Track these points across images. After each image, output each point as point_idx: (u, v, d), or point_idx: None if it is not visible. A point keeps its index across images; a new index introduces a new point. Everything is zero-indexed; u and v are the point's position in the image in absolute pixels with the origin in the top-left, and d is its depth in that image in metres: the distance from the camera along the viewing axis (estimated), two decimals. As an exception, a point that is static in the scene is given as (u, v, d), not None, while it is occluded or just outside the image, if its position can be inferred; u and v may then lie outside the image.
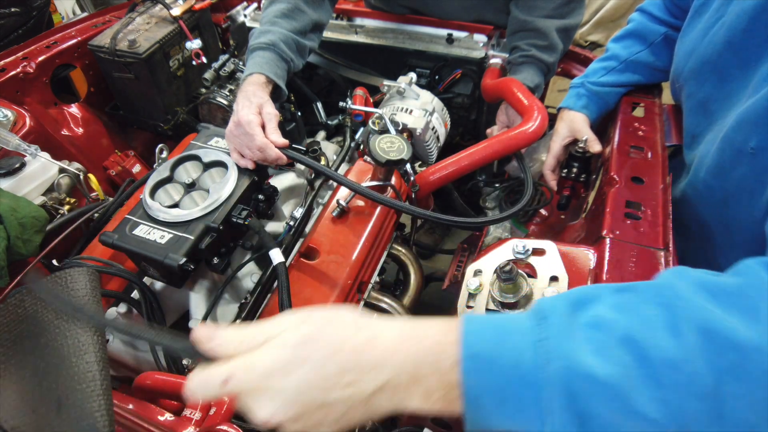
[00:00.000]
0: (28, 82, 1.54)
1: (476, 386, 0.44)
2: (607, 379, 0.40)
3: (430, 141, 1.43)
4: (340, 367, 0.45)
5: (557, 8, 1.47)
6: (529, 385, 0.42)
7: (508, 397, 0.43)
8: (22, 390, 0.66)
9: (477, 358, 0.44)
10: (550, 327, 0.44)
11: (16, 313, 0.72)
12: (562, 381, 0.41)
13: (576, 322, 0.44)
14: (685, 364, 0.40)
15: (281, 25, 1.31)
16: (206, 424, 0.77)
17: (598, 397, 0.41)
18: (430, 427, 1.00)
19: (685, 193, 1.05)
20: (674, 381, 0.40)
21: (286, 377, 0.44)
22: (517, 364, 0.43)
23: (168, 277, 1.01)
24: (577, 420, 0.41)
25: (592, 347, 0.42)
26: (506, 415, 0.43)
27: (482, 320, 0.47)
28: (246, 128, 1.08)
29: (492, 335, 0.45)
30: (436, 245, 2.48)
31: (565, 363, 0.41)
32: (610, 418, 0.40)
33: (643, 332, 0.42)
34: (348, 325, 0.48)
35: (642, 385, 0.40)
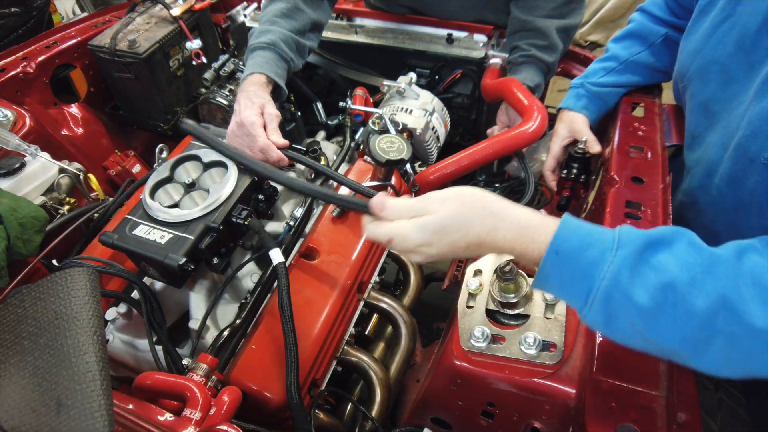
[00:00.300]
0: (28, 82, 1.54)
1: (549, 271, 0.63)
2: (639, 305, 0.58)
3: (430, 141, 1.43)
4: (465, 243, 0.67)
5: (557, 8, 1.47)
6: (587, 285, 0.61)
7: (567, 285, 0.63)
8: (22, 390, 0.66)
9: (557, 255, 0.62)
10: (618, 256, 0.59)
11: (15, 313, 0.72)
12: (608, 292, 0.59)
13: (641, 259, 0.59)
14: (699, 317, 0.55)
15: (281, 24, 1.31)
16: (206, 424, 0.77)
17: (626, 312, 0.59)
18: (430, 427, 1.00)
19: (694, 198, 1.05)
20: (681, 322, 0.56)
21: (428, 248, 0.68)
22: (585, 272, 0.61)
23: (168, 277, 1.01)
24: (606, 317, 0.61)
25: (641, 281, 0.58)
26: (560, 293, 0.66)
27: (575, 227, 0.64)
28: (249, 129, 1.08)
29: (579, 240, 0.62)
30: (436, 245, 2.47)
31: (614, 285, 0.59)
32: (625, 326, 0.61)
33: (683, 286, 0.56)
34: (477, 213, 0.66)
35: (658, 322, 0.57)
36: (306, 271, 1.09)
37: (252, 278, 1.13)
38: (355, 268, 1.09)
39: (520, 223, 0.66)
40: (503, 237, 0.65)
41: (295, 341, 0.88)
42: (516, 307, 0.89)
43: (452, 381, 0.89)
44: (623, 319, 0.60)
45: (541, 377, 0.81)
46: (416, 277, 1.28)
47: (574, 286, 0.62)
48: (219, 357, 0.94)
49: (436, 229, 0.67)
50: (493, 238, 0.66)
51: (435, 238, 0.67)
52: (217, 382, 0.90)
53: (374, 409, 1.05)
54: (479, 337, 0.85)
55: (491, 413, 0.90)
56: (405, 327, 1.15)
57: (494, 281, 0.92)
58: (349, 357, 1.07)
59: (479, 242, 0.66)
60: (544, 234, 0.64)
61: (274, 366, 0.93)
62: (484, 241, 0.66)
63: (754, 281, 0.55)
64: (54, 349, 0.67)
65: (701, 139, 1.01)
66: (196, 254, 0.97)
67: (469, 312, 0.91)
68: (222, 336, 0.97)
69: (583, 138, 1.26)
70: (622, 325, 0.61)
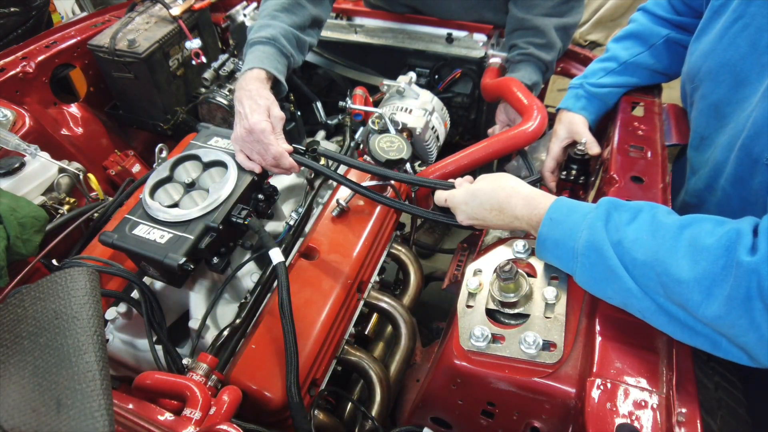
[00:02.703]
0: (27, 81, 1.54)
1: (546, 234, 0.82)
2: (607, 256, 0.73)
3: (429, 140, 1.43)
4: (490, 207, 0.91)
5: (556, 6, 1.47)
6: (572, 240, 0.77)
7: (560, 245, 0.80)
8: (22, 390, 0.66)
9: (551, 220, 0.81)
10: (593, 214, 0.76)
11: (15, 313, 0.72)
12: (587, 243, 0.75)
13: (610, 217, 0.75)
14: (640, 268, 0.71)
15: (281, 19, 1.30)
16: (206, 423, 0.77)
17: (599, 262, 0.74)
18: (430, 426, 1.00)
19: (700, 198, 1.05)
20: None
21: (465, 206, 0.96)
22: (570, 230, 0.78)
23: (168, 277, 1.01)
24: (589, 268, 0.76)
25: (608, 234, 0.74)
26: (555, 255, 0.82)
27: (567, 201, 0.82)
28: (260, 137, 1.06)
29: (568, 208, 0.80)
30: (436, 245, 2.48)
31: (591, 238, 0.75)
32: (606, 273, 0.74)
33: (629, 243, 0.72)
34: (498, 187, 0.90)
35: (615, 273, 0.73)
36: (306, 270, 1.09)
37: (252, 278, 1.13)
38: (354, 267, 1.09)
39: (527, 196, 0.87)
40: (515, 205, 0.87)
41: (295, 341, 0.88)
42: (516, 307, 0.88)
43: (452, 380, 0.89)
44: (601, 269, 0.74)
45: (541, 377, 0.81)
46: (416, 276, 1.28)
47: (564, 245, 0.79)
48: (219, 356, 0.94)
49: (471, 192, 0.94)
50: (508, 205, 0.88)
51: (470, 199, 0.94)
52: (217, 381, 0.90)
53: (374, 408, 1.05)
54: (479, 336, 0.85)
55: (491, 413, 0.90)
56: (405, 326, 1.15)
57: (494, 281, 0.92)
58: (349, 356, 1.07)
59: (499, 207, 0.89)
60: (544, 205, 0.83)
61: (274, 365, 0.93)
62: (503, 207, 0.88)
63: (690, 243, 0.67)
64: (54, 349, 0.67)
65: (710, 140, 1.00)
66: (196, 254, 0.97)
67: (469, 311, 0.91)
68: (222, 335, 0.97)
69: (583, 139, 1.26)
70: (602, 274, 0.74)
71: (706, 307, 0.64)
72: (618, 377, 0.73)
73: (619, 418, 0.69)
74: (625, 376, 0.73)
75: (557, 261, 0.83)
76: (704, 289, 0.64)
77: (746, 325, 0.62)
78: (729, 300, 0.63)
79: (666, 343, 0.77)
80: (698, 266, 0.65)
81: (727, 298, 0.63)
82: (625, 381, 0.73)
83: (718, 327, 0.65)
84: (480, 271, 0.97)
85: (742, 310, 0.62)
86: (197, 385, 0.82)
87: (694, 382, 0.74)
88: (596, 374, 0.74)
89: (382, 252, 1.22)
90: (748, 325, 0.62)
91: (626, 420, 0.69)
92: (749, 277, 0.61)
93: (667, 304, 0.69)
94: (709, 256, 0.65)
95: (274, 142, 1.07)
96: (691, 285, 0.65)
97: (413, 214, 1.09)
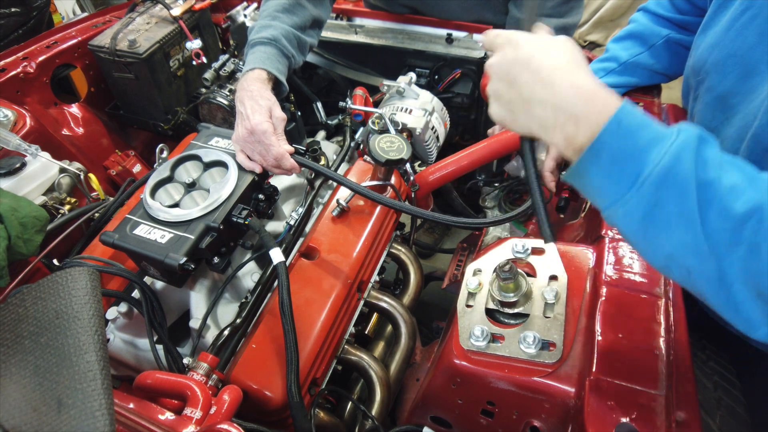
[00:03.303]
0: (28, 82, 1.54)
1: (606, 142, 0.58)
2: (694, 186, 0.55)
3: (429, 141, 1.44)
4: (534, 97, 0.62)
5: (555, 7, 1.47)
6: (642, 162, 0.56)
7: (619, 161, 0.57)
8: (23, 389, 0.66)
9: (620, 124, 0.57)
10: (681, 137, 0.56)
11: (16, 313, 0.73)
12: (666, 171, 0.55)
13: (702, 147, 0.56)
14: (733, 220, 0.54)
15: (282, 19, 1.30)
16: (207, 423, 0.78)
17: (678, 199, 0.55)
18: (430, 425, 1.00)
19: None
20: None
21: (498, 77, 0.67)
22: (646, 147, 0.57)
23: (168, 277, 1.02)
24: (651, 205, 0.57)
25: (703, 168, 0.55)
26: (606, 173, 0.59)
27: (632, 112, 0.59)
28: (261, 138, 1.06)
29: (642, 118, 0.58)
30: (436, 244, 2.48)
31: (675, 164, 0.55)
32: (668, 218, 0.56)
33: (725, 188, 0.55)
34: (550, 63, 0.62)
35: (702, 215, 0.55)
36: (306, 270, 1.09)
37: (252, 277, 1.14)
38: (355, 267, 1.10)
39: (582, 82, 0.61)
40: (564, 88, 0.61)
41: (296, 340, 0.89)
42: (515, 306, 0.89)
43: (452, 380, 0.90)
44: (669, 209, 0.56)
45: (541, 376, 0.81)
46: (416, 276, 1.28)
47: (629, 164, 0.57)
48: (219, 356, 0.95)
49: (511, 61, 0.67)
50: (552, 85, 0.62)
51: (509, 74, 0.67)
52: (217, 381, 0.90)
53: (374, 407, 1.05)
54: (479, 336, 0.85)
55: (491, 412, 0.90)
56: (405, 326, 1.15)
57: (494, 280, 0.92)
58: (349, 356, 1.07)
59: (542, 83, 0.62)
60: (608, 102, 0.59)
61: (275, 365, 0.93)
62: (540, 93, 0.63)
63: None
64: (55, 349, 0.67)
65: (717, 132, 1.00)
66: (197, 254, 0.98)
67: (469, 311, 0.91)
68: (222, 335, 0.98)
69: None
70: (666, 216, 0.57)
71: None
72: (617, 377, 0.73)
73: (619, 417, 0.69)
74: (625, 375, 0.74)
75: (603, 181, 0.60)
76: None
77: None
78: None
79: (665, 342, 0.78)
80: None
81: None
82: (624, 380, 0.73)
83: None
84: (480, 270, 0.97)
85: None
86: (198, 384, 0.83)
87: (693, 382, 0.74)
88: (596, 373, 0.74)
89: (382, 252, 1.22)
90: None
91: (625, 419, 0.69)
92: None
93: (739, 272, 0.55)
94: None
95: (276, 143, 1.07)
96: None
97: (413, 215, 1.09)
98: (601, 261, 0.91)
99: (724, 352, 1.05)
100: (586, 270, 0.93)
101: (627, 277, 0.87)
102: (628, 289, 0.85)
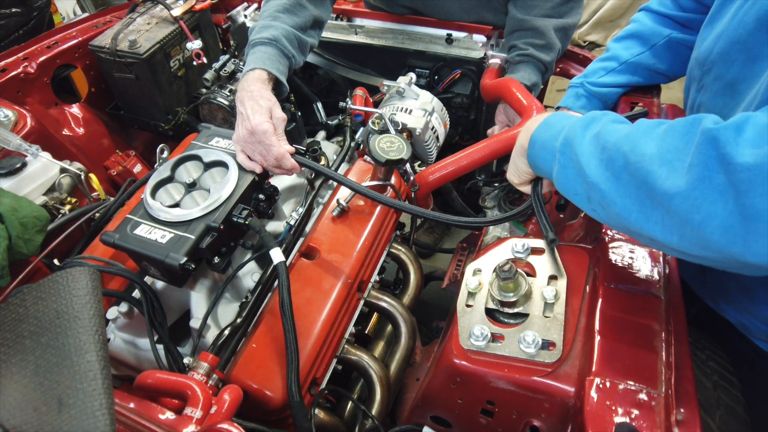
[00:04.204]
0: (29, 82, 1.54)
1: (536, 137, 0.87)
2: (576, 146, 0.77)
3: (429, 141, 1.44)
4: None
5: (555, 7, 1.47)
6: (555, 140, 0.82)
7: (545, 146, 0.84)
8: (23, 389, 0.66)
9: (545, 124, 0.86)
10: (579, 119, 0.80)
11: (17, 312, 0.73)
12: (564, 140, 0.80)
13: (597, 121, 0.78)
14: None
15: (283, 20, 1.30)
16: (207, 422, 0.78)
17: (569, 152, 0.78)
18: (429, 425, 1.01)
19: None
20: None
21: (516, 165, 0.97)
22: (557, 132, 0.82)
23: (169, 277, 1.02)
24: (561, 159, 0.80)
25: (587, 132, 0.77)
26: (542, 156, 0.86)
27: (556, 114, 0.88)
28: (262, 138, 1.06)
29: (556, 118, 0.86)
30: (436, 244, 2.48)
31: (568, 135, 0.79)
32: (568, 161, 0.79)
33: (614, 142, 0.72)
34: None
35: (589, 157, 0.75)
36: (306, 270, 1.09)
37: (252, 277, 1.14)
38: (355, 267, 1.10)
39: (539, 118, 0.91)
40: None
41: (296, 340, 0.89)
42: (515, 306, 0.89)
43: (452, 379, 0.90)
44: (570, 167, 0.78)
45: (540, 376, 0.81)
46: (416, 276, 1.29)
47: (549, 145, 0.83)
48: (220, 356, 0.95)
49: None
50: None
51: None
52: (218, 380, 0.90)
53: (374, 407, 1.05)
54: (479, 335, 0.85)
55: (491, 411, 0.90)
56: (405, 326, 1.15)
57: (493, 280, 0.92)
58: (350, 356, 1.08)
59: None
60: (543, 117, 0.89)
61: (275, 365, 0.94)
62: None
63: (664, 130, 0.67)
64: (55, 348, 0.68)
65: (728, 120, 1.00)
66: (197, 254, 0.98)
67: (469, 311, 0.91)
68: (223, 335, 0.98)
69: None
70: (570, 171, 0.78)
71: (666, 179, 0.62)
72: (617, 376, 0.74)
73: (618, 417, 0.70)
74: (624, 375, 0.74)
75: (542, 163, 0.86)
76: (666, 162, 0.63)
77: (703, 199, 0.58)
78: (690, 169, 0.60)
79: (665, 342, 0.78)
80: (664, 143, 0.65)
81: (689, 167, 0.60)
82: (624, 380, 0.73)
83: (677, 204, 0.61)
84: (479, 270, 0.97)
85: (702, 181, 0.58)
86: (198, 384, 0.83)
87: (692, 381, 0.74)
88: (595, 373, 0.74)
89: (382, 251, 1.22)
90: (706, 200, 0.58)
91: (625, 419, 0.69)
92: (709, 145, 0.58)
93: (631, 186, 0.67)
94: (675, 132, 0.64)
95: (276, 144, 1.07)
96: (654, 158, 0.64)
97: (413, 214, 1.09)
98: (600, 261, 0.91)
99: (723, 352, 1.05)
100: (585, 270, 0.94)
101: (627, 277, 0.87)
102: (627, 289, 0.85)
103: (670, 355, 0.76)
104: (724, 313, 1.06)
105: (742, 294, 0.99)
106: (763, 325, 0.98)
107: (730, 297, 1.03)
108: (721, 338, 1.06)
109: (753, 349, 1.02)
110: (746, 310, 1.00)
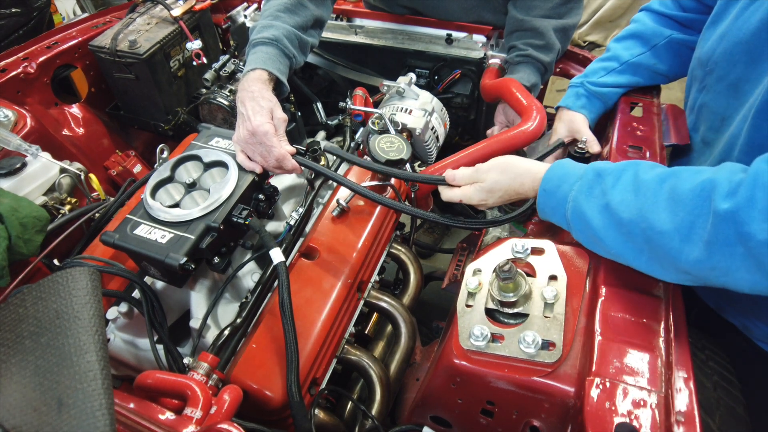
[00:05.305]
0: (28, 82, 1.54)
1: (543, 205, 0.91)
2: (591, 221, 0.82)
3: (429, 141, 1.44)
4: (508, 196, 0.97)
5: (555, 8, 1.47)
6: (563, 209, 0.86)
7: (555, 213, 0.89)
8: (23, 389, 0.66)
9: (545, 192, 0.90)
10: (577, 186, 0.84)
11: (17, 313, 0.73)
12: (573, 213, 0.84)
13: (597, 186, 0.82)
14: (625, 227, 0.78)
15: (284, 20, 1.29)
16: (207, 422, 0.78)
17: (586, 228, 0.83)
18: (429, 425, 1.01)
19: None
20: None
21: (485, 202, 0.99)
22: (560, 201, 0.87)
23: (169, 277, 1.02)
24: (578, 233, 0.86)
25: (593, 201, 0.82)
26: (555, 219, 0.90)
27: (555, 170, 0.89)
28: (263, 139, 1.06)
29: (557, 178, 0.88)
30: (436, 244, 2.48)
31: (576, 208, 0.84)
32: (589, 240, 0.85)
33: (615, 204, 0.78)
34: (510, 176, 0.95)
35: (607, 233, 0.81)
36: (306, 270, 1.09)
37: (252, 277, 1.14)
38: (355, 267, 1.10)
39: (532, 171, 0.93)
40: (528, 186, 0.93)
41: (296, 340, 0.89)
42: (515, 306, 0.89)
43: (452, 379, 0.90)
44: (588, 234, 0.84)
45: (540, 376, 0.81)
46: (416, 276, 1.29)
47: (558, 213, 0.88)
48: (220, 356, 0.95)
49: (488, 190, 0.97)
50: (521, 187, 0.94)
51: (488, 195, 0.98)
52: (217, 380, 0.90)
53: (374, 407, 1.05)
54: (478, 335, 0.85)
55: (490, 412, 0.90)
56: (405, 326, 1.15)
57: (493, 280, 0.92)
58: (349, 356, 1.08)
59: (516, 192, 0.96)
60: (541, 177, 0.91)
61: (275, 365, 0.94)
62: (518, 191, 0.95)
63: (670, 195, 0.72)
64: (55, 349, 0.68)
65: (731, 120, 1.01)
66: (197, 254, 0.98)
67: (469, 311, 0.91)
68: (223, 335, 0.98)
69: (583, 138, 1.26)
70: (589, 238, 0.84)
71: (688, 253, 0.69)
72: (617, 376, 0.74)
73: (618, 417, 0.69)
74: (624, 375, 0.74)
75: (559, 224, 0.91)
76: (683, 237, 0.69)
77: (727, 268, 0.66)
78: (708, 245, 0.66)
79: (665, 342, 0.78)
80: (677, 217, 0.70)
81: (707, 243, 0.66)
82: (624, 380, 0.73)
83: (699, 271, 0.69)
84: (479, 270, 0.97)
85: (723, 255, 0.65)
86: (198, 384, 0.83)
87: (692, 382, 0.74)
88: (595, 373, 0.74)
89: (382, 252, 1.22)
90: (730, 268, 0.65)
91: (625, 419, 0.69)
92: (727, 224, 0.64)
93: (653, 260, 0.75)
94: (685, 206, 0.70)
95: (277, 144, 1.07)
96: (672, 234, 0.70)
97: (413, 215, 1.09)
98: (600, 261, 0.91)
99: (724, 353, 1.05)
100: (585, 270, 0.94)
101: (627, 277, 0.87)
102: (627, 289, 0.85)
103: (670, 355, 0.76)
104: (726, 314, 1.06)
105: (746, 296, 0.99)
106: (766, 327, 0.98)
107: (733, 299, 1.03)
108: (722, 339, 1.06)
109: (754, 350, 1.02)
110: (750, 312, 1.00)
